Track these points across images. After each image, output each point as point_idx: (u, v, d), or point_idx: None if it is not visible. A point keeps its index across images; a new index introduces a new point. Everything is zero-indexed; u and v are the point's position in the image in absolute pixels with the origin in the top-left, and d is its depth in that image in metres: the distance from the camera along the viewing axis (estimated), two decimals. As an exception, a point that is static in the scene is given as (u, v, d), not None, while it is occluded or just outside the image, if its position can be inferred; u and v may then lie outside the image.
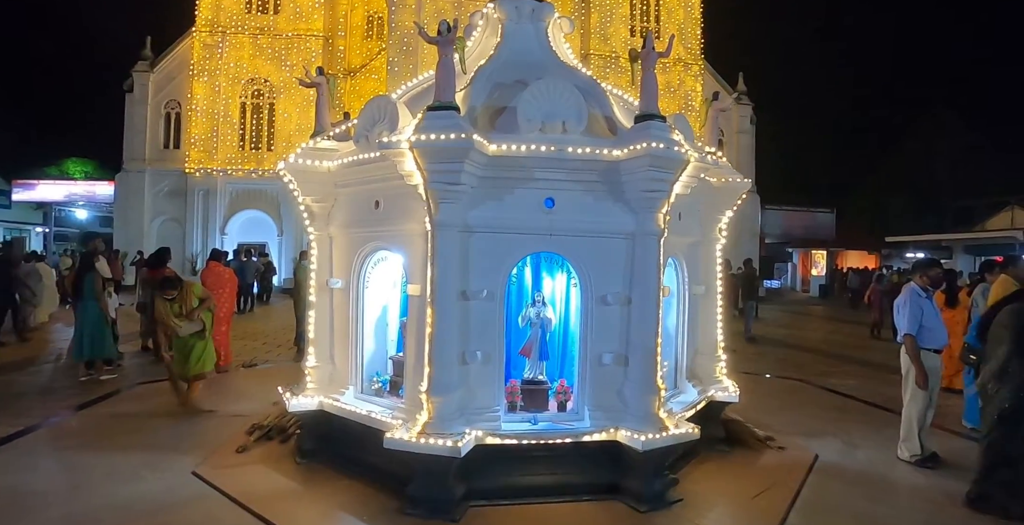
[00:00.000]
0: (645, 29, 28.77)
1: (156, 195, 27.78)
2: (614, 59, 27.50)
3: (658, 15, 29.09)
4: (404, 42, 25.08)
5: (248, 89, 27.16)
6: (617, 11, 28.16)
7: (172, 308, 7.47)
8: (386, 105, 5.38)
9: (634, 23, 28.73)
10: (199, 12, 26.54)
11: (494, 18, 6.40)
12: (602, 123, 5.62)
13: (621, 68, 27.04)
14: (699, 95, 28.52)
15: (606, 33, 27.96)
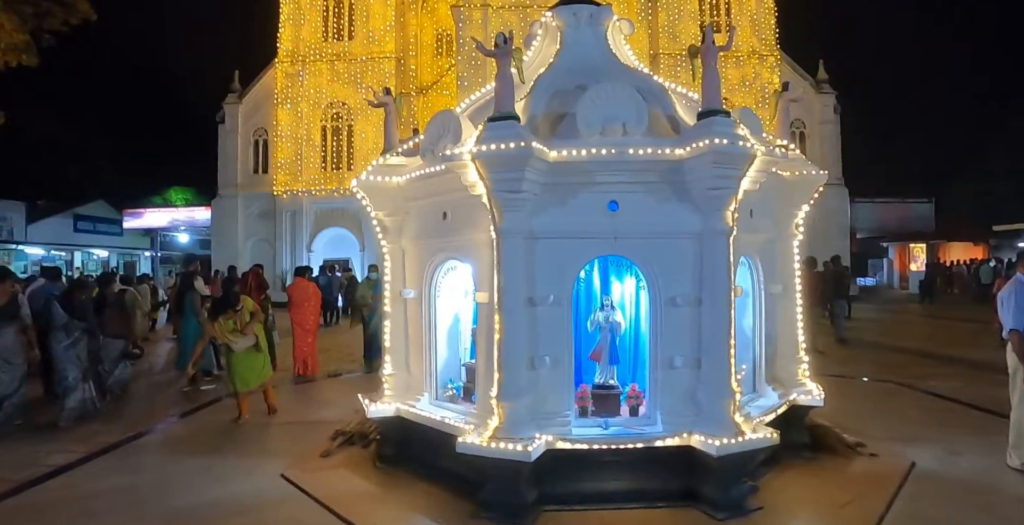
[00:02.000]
0: (716, 24, 28.07)
1: (248, 217, 29.42)
2: (684, 58, 26.87)
3: (728, 8, 28.30)
4: (472, 57, 25.53)
5: (328, 113, 28.39)
6: (686, 7, 27.62)
7: (228, 324, 7.76)
8: (449, 119, 5.53)
9: (703, 18, 28.05)
10: (280, 44, 28.01)
11: (553, 26, 6.46)
12: (664, 122, 5.56)
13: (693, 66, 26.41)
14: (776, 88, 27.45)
15: (675, 31, 27.45)
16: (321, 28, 28.04)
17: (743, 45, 27.35)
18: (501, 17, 26.02)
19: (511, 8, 26.21)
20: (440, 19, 28.69)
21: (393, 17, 27.67)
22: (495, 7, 26.06)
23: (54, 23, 12.27)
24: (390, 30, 27.63)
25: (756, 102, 26.53)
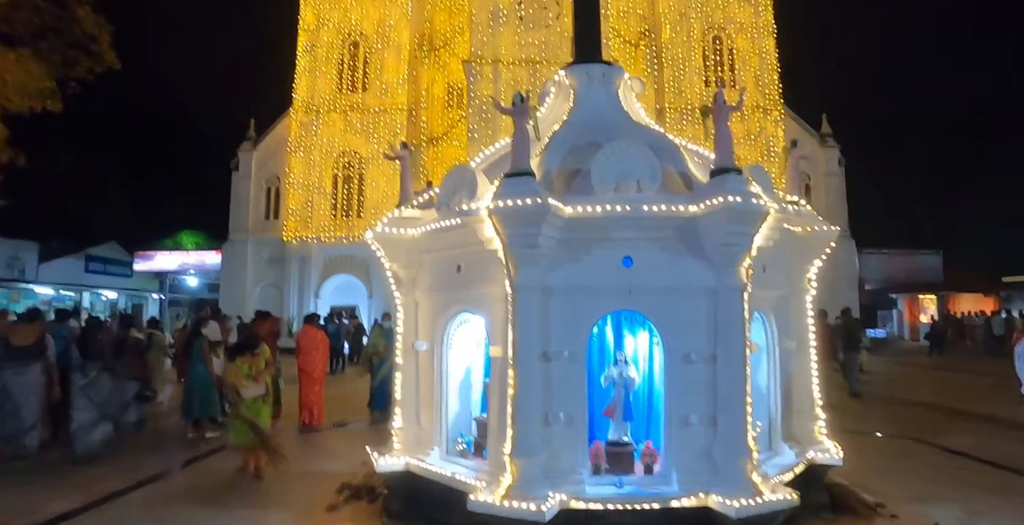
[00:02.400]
0: (720, 80, 28.79)
1: (257, 263, 29.66)
2: (690, 112, 27.55)
3: (732, 64, 29.10)
4: (483, 110, 26.21)
5: (340, 162, 28.97)
6: (690, 64, 28.41)
7: (242, 368, 7.59)
8: (465, 174, 5.64)
9: (708, 74, 28.84)
10: (296, 95, 28.85)
11: (566, 84, 6.66)
12: (677, 179, 5.66)
13: (697, 120, 26.75)
14: (780, 141, 27.96)
15: (680, 86, 28.18)
16: (336, 80, 28.91)
17: (747, 99, 27.95)
18: (511, 72, 26.81)
19: (521, 64, 27.01)
20: (451, 73, 29.55)
21: (406, 71, 28.57)
22: (505, 62, 26.88)
23: (80, 71, 12.69)
24: (402, 83, 28.45)
25: (761, 155, 26.98)
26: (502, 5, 27.28)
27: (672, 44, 28.30)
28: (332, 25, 28.90)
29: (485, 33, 27.14)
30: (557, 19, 26.99)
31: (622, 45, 27.96)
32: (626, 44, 28.34)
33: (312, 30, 28.88)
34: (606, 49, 6.82)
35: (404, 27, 28.69)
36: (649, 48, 28.56)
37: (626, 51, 28.16)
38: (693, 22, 28.51)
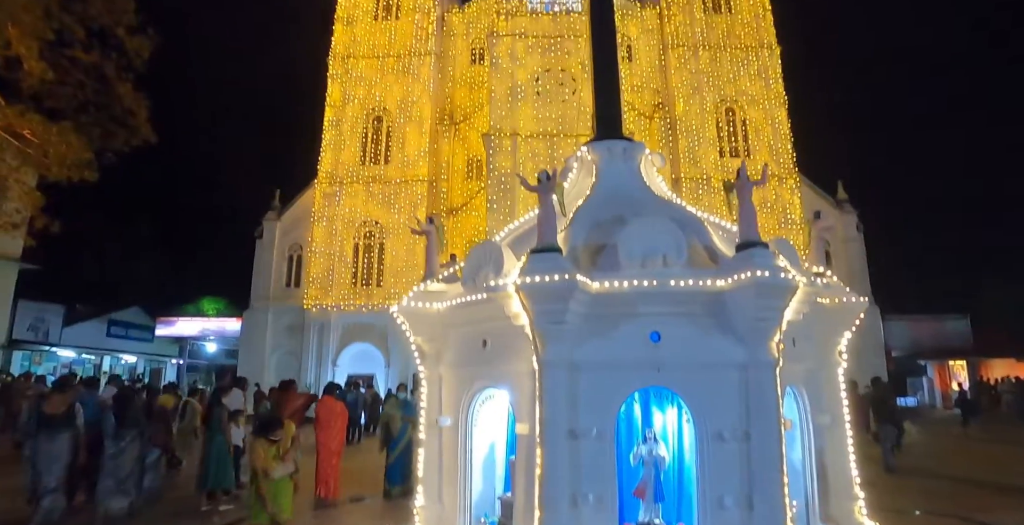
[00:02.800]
0: (734, 150, 29.32)
1: (277, 330, 29.77)
2: (705, 181, 27.95)
3: (745, 134, 29.69)
4: (502, 182, 26.84)
5: (361, 231, 29.51)
6: (704, 134, 29.03)
7: (272, 450, 7.24)
8: (491, 249, 5.72)
9: (722, 145, 29.40)
10: (321, 167, 29.78)
11: (588, 160, 6.82)
12: (702, 253, 5.68)
13: (713, 189, 27.36)
14: (797, 209, 28.14)
15: (695, 156, 28.70)
16: (359, 153, 29.86)
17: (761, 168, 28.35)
18: (529, 145, 27.57)
19: (538, 137, 27.81)
20: (471, 146, 30.45)
21: (427, 143, 29.48)
22: (524, 136, 27.70)
23: (117, 143, 13.20)
24: (423, 155, 29.31)
25: (779, 223, 27.10)
26: (520, 81, 28.38)
27: (686, 116, 29.06)
28: (357, 101, 30.13)
29: (504, 108, 28.13)
30: (573, 95, 28.00)
31: (637, 118, 28.75)
32: (641, 117, 29.15)
33: (338, 106, 30.11)
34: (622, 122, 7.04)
35: (426, 102, 29.85)
36: (664, 120, 29.33)
37: (641, 124, 28.93)
38: (706, 95, 29.35)
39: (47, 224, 13.21)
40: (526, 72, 28.59)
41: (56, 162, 12.53)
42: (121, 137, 13.13)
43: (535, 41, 28.78)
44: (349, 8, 30.99)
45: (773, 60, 29.78)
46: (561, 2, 30.14)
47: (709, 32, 30.02)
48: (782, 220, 27.49)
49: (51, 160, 12.54)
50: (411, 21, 30.63)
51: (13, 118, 11.88)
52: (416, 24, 30.56)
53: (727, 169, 28.19)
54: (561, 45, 28.72)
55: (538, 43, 28.76)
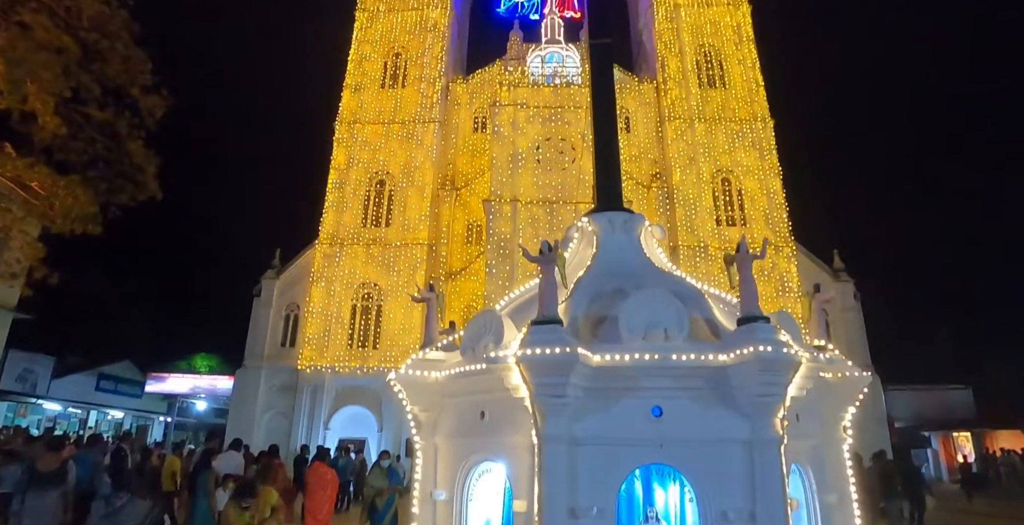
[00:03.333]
0: (731, 218, 29.73)
1: (269, 390, 29.22)
2: (703, 250, 28.21)
3: (741, 204, 30.17)
4: (501, 247, 27.09)
5: (359, 292, 29.49)
6: (701, 204, 29.50)
7: (243, 517, 7.01)
8: (491, 319, 5.69)
9: (719, 214, 29.83)
10: (323, 228, 30.09)
11: (589, 231, 6.90)
12: (704, 327, 5.66)
13: (711, 258, 27.60)
14: (794, 278, 28.29)
15: (693, 225, 29.06)
16: (361, 215, 30.24)
17: (758, 236, 28.71)
18: (529, 211, 27.98)
19: (538, 203, 28.26)
20: (471, 211, 30.90)
21: (428, 208, 29.91)
22: (524, 202, 28.16)
23: (123, 198, 13.30)
24: (424, 219, 29.68)
25: (776, 292, 27.21)
26: (521, 149, 29.10)
27: (683, 186, 29.62)
28: (361, 164, 30.78)
29: (505, 174, 28.73)
30: (573, 163, 28.66)
31: (635, 187, 29.31)
32: (639, 186, 29.73)
33: (342, 169, 30.72)
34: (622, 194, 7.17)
35: (428, 168, 30.49)
36: (661, 190, 29.89)
37: (639, 193, 29.46)
38: (702, 165, 30.03)
39: (46, 275, 13.19)
40: (527, 140, 29.36)
41: (61, 214, 12.64)
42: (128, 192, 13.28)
43: (536, 111, 29.70)
44: (358, 76, 32.13)
45: (767, 132, 30.64)
46: (562, 75, 31.33)
47: (704, 105, 31.04)
48: (780, 289, 27.57)
49: (56, 212, 12.65)
50: (417, 90, 31.71)
51: (23, 170, 12.07)
52: (421, 93, 31.62)
53: (724, 237, 28.55)
54: (561, 115, 29.63)
55: (539, 113, 29.68)
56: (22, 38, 11.08)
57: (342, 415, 28.26)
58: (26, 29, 11.18)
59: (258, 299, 30.79)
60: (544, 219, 27.21)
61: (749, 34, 32.36)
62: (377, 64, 32.52)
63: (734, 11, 32.84)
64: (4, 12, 11.11)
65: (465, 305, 28.43)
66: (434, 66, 32.04)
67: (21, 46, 10.98)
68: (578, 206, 27.07)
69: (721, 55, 32.18)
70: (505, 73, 31.05)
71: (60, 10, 11.48)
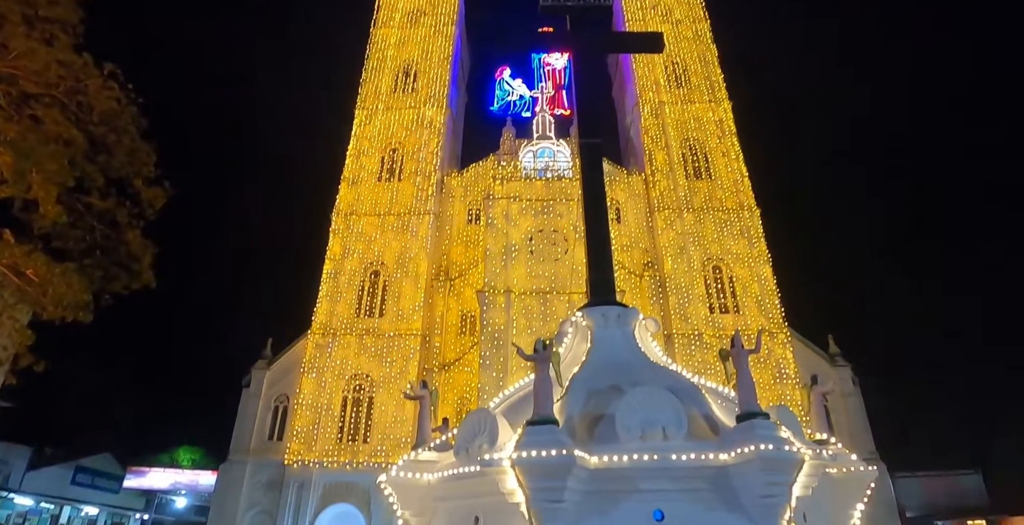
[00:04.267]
0: (724, 306, 29.83)
1: (254, 486, 27.91)
2: (697, 337, 28.11)
3: (733, 291, 30.35)
4: (495, 337, 26.92)
5: (351, 384, 28.91)
6: (693, 292, 29.68)
7: None
8: (485, 418, 5.57)
9: (712, 301, 29.94)
10: (316, 317, 29.92)
11: (583, 325, 6.91)
12: (702, 423, 5.56)
13: (705, 345, 27.47)
14: (791, 364, 28.05)
15: (686, 313, 29.09)
16: (355, 305, 30.19)
17: (752, 324, 28.74)
18: (523, 302, 28.04)
19: (532, 294, 28.37)
20: (465, 301, 30.96)
21: (422, 298, 29.95)
22: (517, 293, 28.27)
23: (117, 286, 13.24)
24: (418, 310, 29.64)
25: (773, 378, 26.91)
26: (514, 241, 29.59)
27: (675, 274, 29.93)
28: (356, 255, 31.10)
29: (498, 265, 29.01)
30: (566, 254, 29.07)
31: (627, 276, 29.59)
32: (631, 275, 30.03)
33: (337, 259, 30.99)
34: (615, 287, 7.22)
35: (423, 258, 30.82)
36: (653, 278, 30.17)
37: (632, 282, 29.72)
38: (692, 254, 30.49)
39: (32, 362, 12.93)
40: (520, 232, 29.91)
41: (53, 302, 12.55)
42: (122, 281, 13.27)
43: (528, 204, 30.47)
44: (355, 170, 33.15)
45: (754, 220, 31.37)
46: (553, 169, 32.43)
47: (692, 196, 31.97)
48: (777, 375, 27.24)
49: (48, 299, 12.56)
50: (412, 183, 32.64)
51: (20, 257, 12.07)
52: (417, 186, 32.54)
53: (718, 325, 28.54)
54: (553, 208, 30.36)
55: (531, 205, 30.43)
56: (32, 130, 11.40)
57: (329, 513, 26.88)
58: (37, 122, 11.52)
59: (247, 390, 30.10)
60: (538, 310, 27.27)
61: (731, 128, 33.89)
62: (374, 158, 33.66)
63: (716, 107, 34.56)
64: (18, 106, 11.46)
65: (459, 397, 27.85)
66: (430, 160, 33.19)
67: (31, 138, 11.27)
68: (572, 296, 27.18)
69: (706, 148, 33.54)
70: (498, 167, 32.14)
71: (72, 105, 11.86)
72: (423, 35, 37.63)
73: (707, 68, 35.99)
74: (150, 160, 12.83)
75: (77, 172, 12.08)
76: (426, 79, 35.94)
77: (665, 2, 38.73)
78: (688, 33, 37.27)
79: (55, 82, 11.53)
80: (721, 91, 35.06)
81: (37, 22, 11.35)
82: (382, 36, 37.61)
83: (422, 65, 36.48)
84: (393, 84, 36.07)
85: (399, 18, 38.52)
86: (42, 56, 11.21)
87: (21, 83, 11.37)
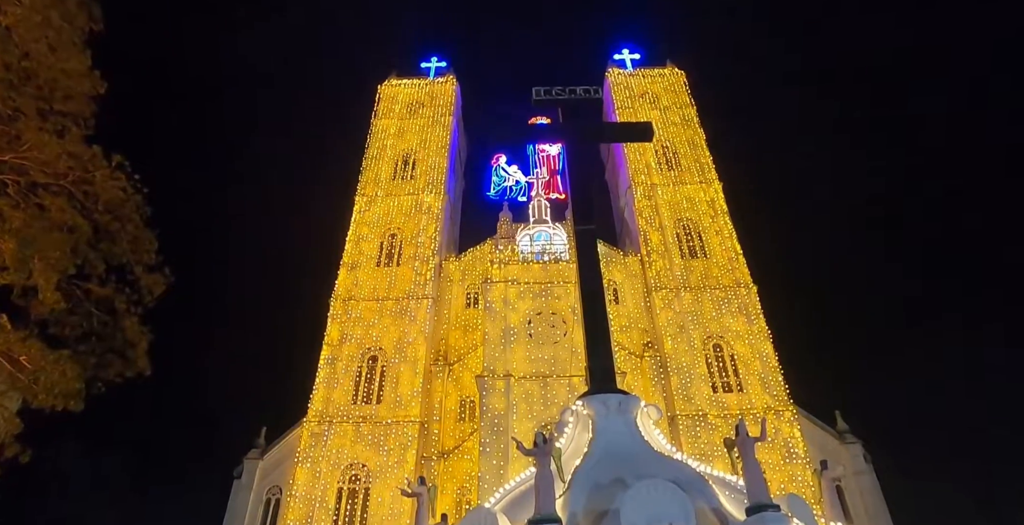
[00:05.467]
0: (726, 384, 29.36)
1: (239, 594, 26.34)
2: (701, 418, 27.49)
3: (736, 369, 29.95)
4: (495, 424, 26.29)
5: (346, 474, 27.89)
6: (695, 371, 29.29)
7: None
8: (485, 517, 5.37)
9: (714, 380, 29.50)
10: (312, 405, 29.28)
11: (584, 414, 6.78)
12: (711, 517, 5.36)
13: (711, 426, 26.87)
14: (799, 442, 27.29)
15: (689, 393, 28.58)
16: (352, 391, 29.66)
17: (757, 402, 28.22)
18: (523, 386, 27.58)
19: (532, 378, 27.95)
20: (464, 387, 30.50)
21: (420, 384, 29.48)
22: (517, 377, 27.85)
23: (110, 374, 12.99)
24: (416, 395, 29.11)
25: (782, 459, 26.11)
26: (513, 324, 29.49)
27: (675, 354, 29.65)
28: (354, 340, 30.87)
29: (497, 349, 28.73)
30: (565, 336, 28.90)
31: (627, 357, 29.33)
32: (631, 356, 29.77)
33: (335, 345, 30.74)
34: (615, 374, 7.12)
35: (421, 343, 30.59)
36: (654, 358, 29.84)
37: (632, 363, 29.42)
38: (692, 332, 30.34)
39: (18, 453, 12.48)
40: (518, 315, 29.88)
41: (44, 390, 12.27)
42: (116, 368, 13.06)
43: (527, 287, 30.63)
44: (355, 255, 33.55)
45: (751, 298, 31.46)
46: (550, 252, 32.89)
47: (688, 275, 32.23)
48: (785, 455, 26.42)
49: (40, 387, 12.29)
50: (411, 268, 32.96)
51: (14, 343, 11.90)
52: (415, 271, 32.84)
53: (722, 405, 28.03)
54: (551, 290, 30.50)
55: (529, 289, 30.58)
56: (37, 218, 11.51)
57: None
58: (43, 210, 11.66)
59: (238, 481, 29.00)
60: (538, 394, 26.82)
61: (723, 207, 34.70)
62: (373, 244, 34.16)
63: (707, 188, 35.54)
64: (25, 194, 11.62)
65: (458, 487, 26.83)
66: (428, 245, 33.68)
67: (36, 226, 11.37)
68: (572, 379, 26.78)
69: (699, 228, 34.18)
70: (496, 251, 32.56)
71: (79, 193, 12.04)
72: (421, 125, 39.24)
73: (696, 151, 37.34)
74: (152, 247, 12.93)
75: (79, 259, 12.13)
76: (424, 167, 37.14)
77: (652, 90, 40.71)
78: (676, 118, 38.92)
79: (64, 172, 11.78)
80: (711, 172, 36.20)
81: (51, 115, 11.72)
82: (382, 127, 39.19)
83: (420, 153, 37.80)
84: (392, 172, 37.23)
85: (399, 109, 40.29)
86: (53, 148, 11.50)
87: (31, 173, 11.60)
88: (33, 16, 10.80)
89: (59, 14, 11.16)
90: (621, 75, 41.49)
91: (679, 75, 41.36)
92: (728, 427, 28.66)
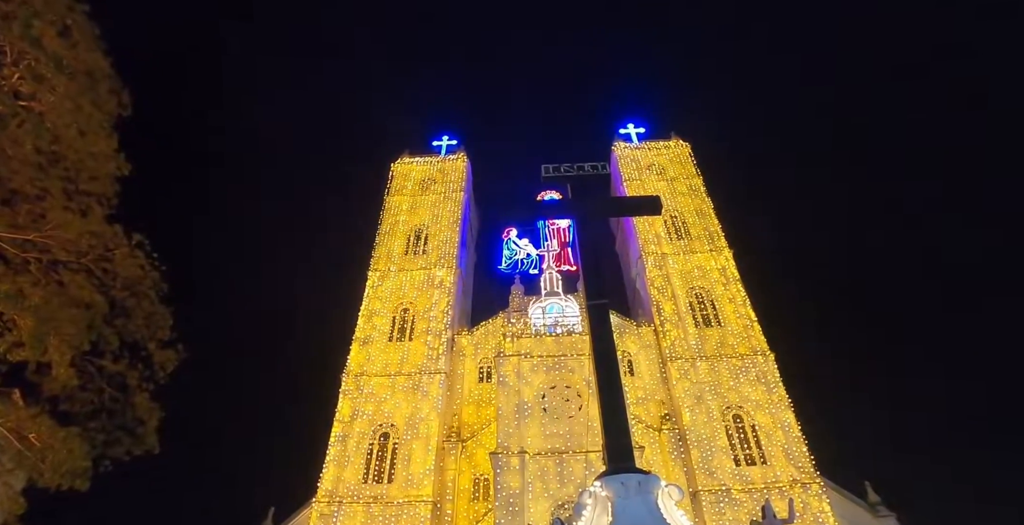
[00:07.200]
0: (749, 457, 28.36)
1: None
2: (725, 493, 26.39)
3: (758, 440, 28.99)
4: (510, 503, 25.37)
5: (357, 562, 26.80)
6: (716, 443, 28.37)
7: None
8: None
9: (736, 452, 28.52)
10: (321, 484, 28.50)
11: (602, 496, 6.57)
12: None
13: (735, 502, 25.75)
14: (829, 517, 26.04)
15: (711, 467, 27.59)
16: (363, 470, 28.92)
17: (782, 475, 27.16)
18: (538, 463, 26.78)
19: (547, 454, 27.17)
20: (478, 464, 29.66)
21: (433, 462, 28.73)
22: (532, 453, 27.08)
23: (119, 451, 12.75)
24: (428, 474, 28.30)
25: (816, 538, 24.87)
26: (527, 399, 28.96)
27: (695, 426, 28.84)
28: (366, 417, 30.38)
29: (511, 425, 28.08)
30: (580, 410, 28.30)
31: (645, 430, 28.59)
32: (649, 429, 28.99)
33: (346, 421, 30.23)
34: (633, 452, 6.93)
35: (434, 419, 30.05)
36: (673, 431, 28.99)
37: (650, 436, 28.62)
38: (711, 403, 29.61)
39: None
40: (532, 390, 29.40)
41: (51, 468, 12.04)
42: (125, 445, 12.85)
43: (540, 360, 30.31)
44: (367, 330, 33.56)
45: (769, 365, 30.87)
46: (563, 324, 32.74)
47: (703, 344, 31.83)
48: (816, 532, 25.14)
49: (47, 466, 12.06)
50: (423, 342, 32.85)
51: (25, 420, 11.78)
52: (428, 345, 32.71)
53: (746, 479, 27.01)
54: (565, 363, 30.16)
55: (543, 362, 30.26)
56: (56, 294, 11.65)
57: None
58: (61, 286, 11.81)
59: (246, 572, 27.88)
60: (554, 471, 25.99)
61: (735, 275, 34.70)
62: (386, 318, 34.22)
63: (717, 256, 35.70)
64: (45, 272, 11.80)
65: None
66: (440, 320, 33.69)
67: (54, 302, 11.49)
68: (588, 455, 26.02)
69: (712, 295, 34.06)
70: (508, 324, 32.50)
71: (98, 271, 12.22)
72: (433, 201, 40.15)
73: (704, 219, 37.78)
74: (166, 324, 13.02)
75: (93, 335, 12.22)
76: (436, 241, 37.72)
77: (659, 162, 41.71)
78: (683, 189, 39.63)
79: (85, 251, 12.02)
80: (720, 240, 36.47)
81: (76, 195, 12.06)
82: (395, 203, 40.13)
83: (432, 228, 38.49)
84: (405, 247, 37.80)
85: (411, 186, 41.36)
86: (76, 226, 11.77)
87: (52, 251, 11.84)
88: (65, 102, 11.29)
89: (90, 101, 11.63)
90: (627, 148, 42.70)
91: (684, 146, 42.53)
92: (753, 502, 27.45)
